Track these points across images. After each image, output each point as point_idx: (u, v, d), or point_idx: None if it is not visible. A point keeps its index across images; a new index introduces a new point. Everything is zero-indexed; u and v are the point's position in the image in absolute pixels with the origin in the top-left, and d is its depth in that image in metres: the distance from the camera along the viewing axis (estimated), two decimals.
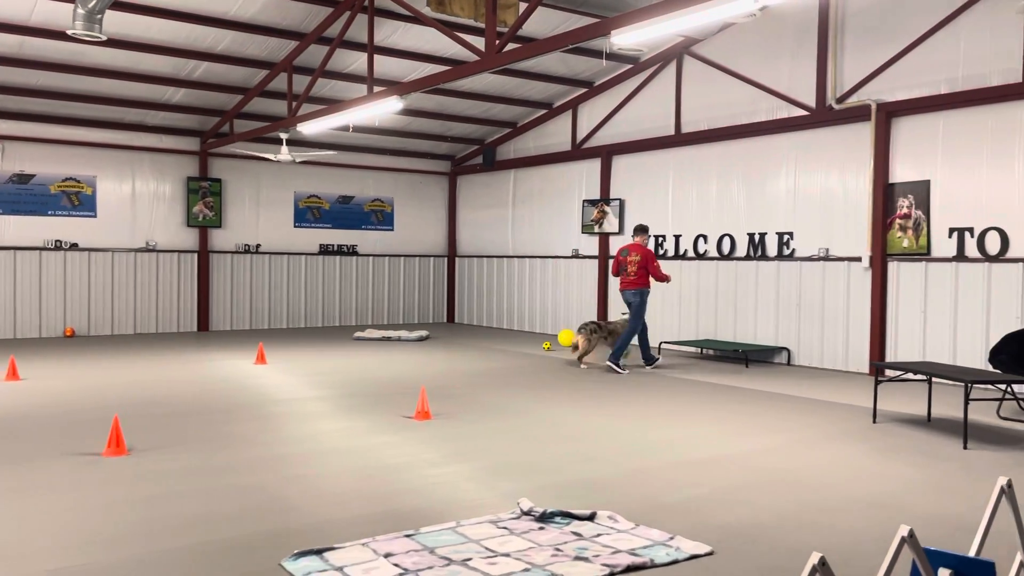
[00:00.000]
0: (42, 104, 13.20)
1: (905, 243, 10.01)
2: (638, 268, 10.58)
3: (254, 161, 15.44)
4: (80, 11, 8.52)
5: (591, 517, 4.44)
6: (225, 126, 14.54)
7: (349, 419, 7.20)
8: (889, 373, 9.15)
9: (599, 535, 4.19)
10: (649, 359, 10.86)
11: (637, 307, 10.58)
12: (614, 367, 10.37)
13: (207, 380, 9.30)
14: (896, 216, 10.10)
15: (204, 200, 15.11)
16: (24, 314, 13.63)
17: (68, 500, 4.73)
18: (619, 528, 4.30)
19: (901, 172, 10.09)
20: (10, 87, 12.41)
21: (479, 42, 11.04)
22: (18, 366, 9.88)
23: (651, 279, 10.64)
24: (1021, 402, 6.64)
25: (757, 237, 11.76)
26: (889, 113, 10.11)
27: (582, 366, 10.82)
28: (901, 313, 10.09)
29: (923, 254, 9.85)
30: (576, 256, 14.91)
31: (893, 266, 10.18)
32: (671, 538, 4.15)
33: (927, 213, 9.81)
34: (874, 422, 7.30)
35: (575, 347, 10.88)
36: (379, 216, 17.20)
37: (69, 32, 8.78)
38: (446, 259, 18.08)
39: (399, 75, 13.01)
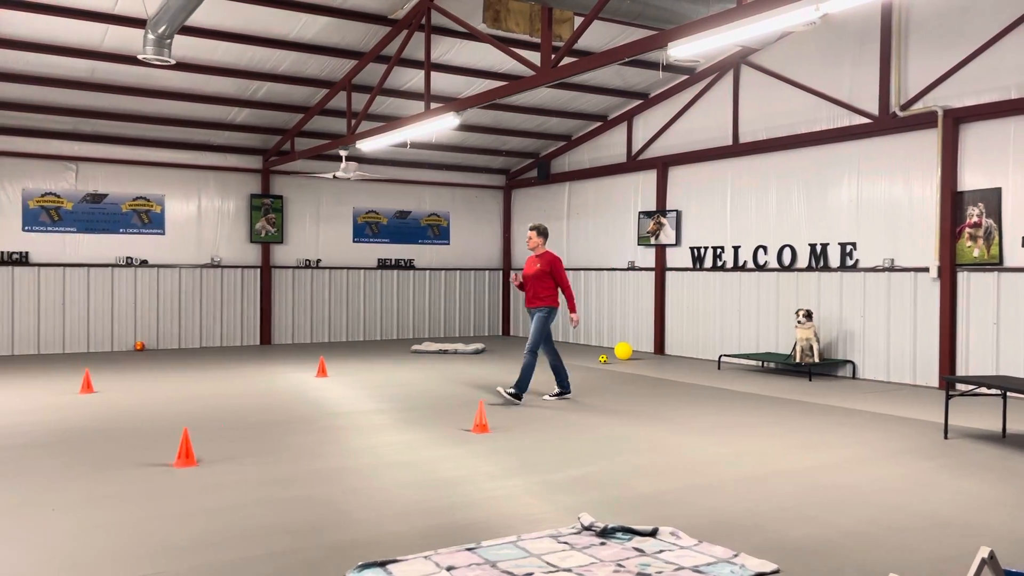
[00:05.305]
0: (113, 126, 13.70)
1: (976, 252, 9.70)
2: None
3: (314, 178, 15.76)
4: (150, 36, 8.83)
5: (653, 533, 4.39)
6: (286, 144, 14.89)
7: (408, 432, 7.26)
8: (960, 387, 8.85)
9: (661, 551, 4.15)
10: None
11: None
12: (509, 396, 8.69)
13: (271, 393, 9.49)
14: (966, 225, 9.80)
15: (266, 217, 15.46)
16: (97, 329, 14.12)
17: (140, 510, 4.87)
18: (682, 544, 4.25)
19: (970, 180, 9.79)
20: (83, 110, 12.91)
21: (535, 57, 11.10)
22: (92, 379, 10.22)
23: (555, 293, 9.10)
24: None
25: (819, 247, 11.52)
26: (956, 119, 9.83)
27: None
28: (972, 325, 9.76)
29: (995, 264, 9.53)
30: (632, 268, 14.81)
31: (963, 276, 9.87)
32: (735, 555, 4.08)
33: (999, 221, 9.49)
34: (945, 438, 7.07)
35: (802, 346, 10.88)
36: (435, 230, 17.36)
37: (140, 57, 9.11)
38: (501, 272, 18.15)
39: (455, 91, 13.15)
